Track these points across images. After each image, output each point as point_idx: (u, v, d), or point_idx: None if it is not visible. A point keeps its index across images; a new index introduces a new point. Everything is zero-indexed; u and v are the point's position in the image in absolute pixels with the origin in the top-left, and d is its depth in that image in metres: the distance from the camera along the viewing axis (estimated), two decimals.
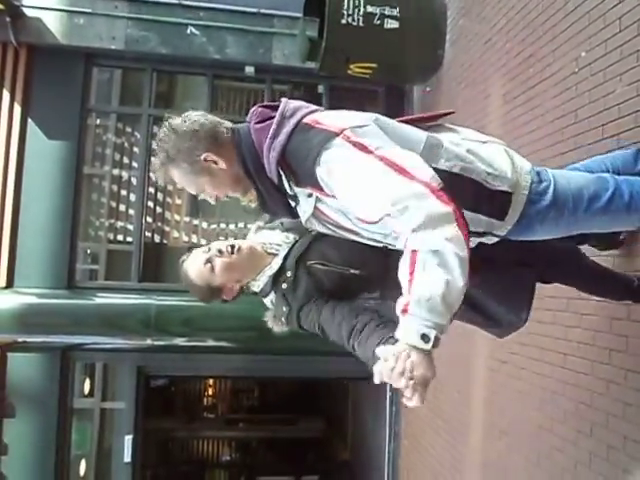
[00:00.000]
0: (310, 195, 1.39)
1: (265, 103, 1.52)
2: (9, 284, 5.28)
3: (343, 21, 4.63)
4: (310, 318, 1.62)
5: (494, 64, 3.89)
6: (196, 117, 1.45)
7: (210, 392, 11.63)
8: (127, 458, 5.48)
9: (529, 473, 3.12)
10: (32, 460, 5.31)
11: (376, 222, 1.28)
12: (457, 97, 4.60)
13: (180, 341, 5.54)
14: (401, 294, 1.20)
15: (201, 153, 1.43)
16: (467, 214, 1.30)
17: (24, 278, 5.31)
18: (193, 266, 1.68)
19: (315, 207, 1.41)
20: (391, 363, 1.16)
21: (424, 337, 1.17)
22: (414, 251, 1.17)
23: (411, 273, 1.16)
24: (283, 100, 1.46)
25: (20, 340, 5.32)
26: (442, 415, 4.56)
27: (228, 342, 5.64)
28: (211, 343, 5.59)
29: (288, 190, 1.42)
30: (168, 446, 10.52)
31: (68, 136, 5.51)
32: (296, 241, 1.68)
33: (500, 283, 1.69)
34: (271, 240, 1.72)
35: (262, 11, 5.57)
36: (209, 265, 1.64)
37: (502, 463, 3.50)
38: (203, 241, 6.25)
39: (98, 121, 5.97)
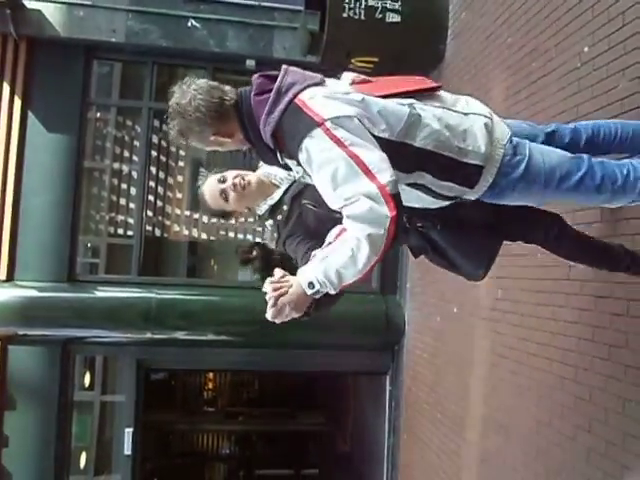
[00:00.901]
0: (298, 164, 1.58)
1: (265, 73, 1.63)
2: (10, 277, 5.28)
3: (344, 14, 4.60)
4: (291, 248, 1.92)
5: (496, 58, 3.88)
6: (200, 99, 1.58)
7: (210, 385, 11.66)
8: (127, 451, 5.50)
9: (528, 468, 3.14)
10: (32, 452, 5.33)
11: (338, 210, 1.49)
12: (459, 91, 4.56)
13: (180, 334, 5.55)
14: None
15: (209, 135, 1.61)
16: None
17: (25, 271, 5.32)
18: (209, 193, 1.98)
19: (303, 173, 1.62)
20: (276, 277, 1.51)
21: (310, 284, 1.47)
22: (345, 229, 1.47)
23: (331, 242, 1.48)
24: (282, 69, 1.60)
25: (21, 333, 5.33)
26: (441, 409, 4.57)
27: (228, 336, 5.65)
28: (211, 337, 5.60)
29: (279, 160, 1.62)
30: (168, 439, 10.56)
31: (68, 129, 5.50)
32: (295, 180, 1.94)
33: (466, 241, 1.92)
34: (277, 173, 2.00)
35: (263, 4, 5.54)
36: (224, 195, 1.95)
37: (501, 457, 3.52)
38: (204, 235, 6.25)
39: (98, 114, 5.96)
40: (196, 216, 6.16)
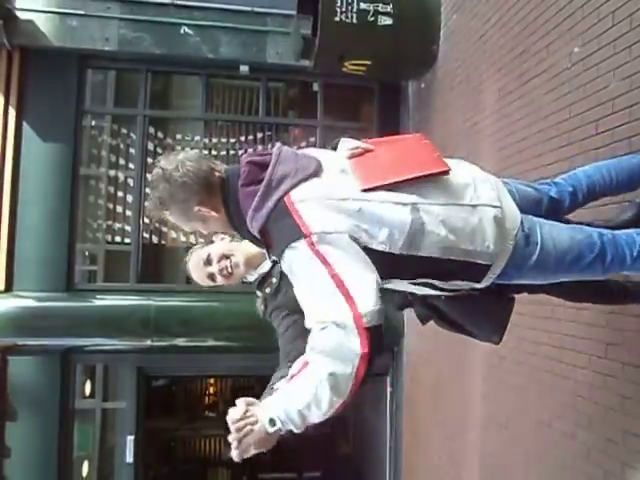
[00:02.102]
0: None
1: (254, 157, 1.51)
2: (8, 288, 5.27)
3: (337, 18, 4.62)
4: (276, 321, 1.88)
5: (488, 59, 3.90)
6: (189, 165, 1.47)
7: (211, 391, 11.64)
8: (129, 458, 5.49)
9: (528, 467, 3.14)
10: (34, 462, 5.32)
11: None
12: (451, 92, 4.60)
13: (180, 341, 5.54)
14: None
15: (193, 205, 1.48)
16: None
17: (23, 281, 5.31)
18: (196, 275, 1.92)
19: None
20: (237, 416, 1.36)
21: (271, 421, 1.34)
22: (307, 362, 1.33)
23: (293, 375, 1.35)
24: (274, 154, 1.48)
25: (20, 343, 5.32)
26: (442, 410, 4.58)
27: (228, 341, 5.65)
28: (211, 342, 5.60)
29: (267, 255, 1.52)
30: (170, 446, 10.53)
31: (63, 138, 5.50)
32: None
33: (474, 309, 1.77)
34: None
35: (255, 10, 5.55)
36: (211, 278, 1.90)
37: (501, 457, 3.52)
38: (201, 241, 6.24)
39: (93, 123, 5.96)
40: None
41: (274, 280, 1.85)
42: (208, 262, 1.87)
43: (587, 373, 2.60)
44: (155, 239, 6.02)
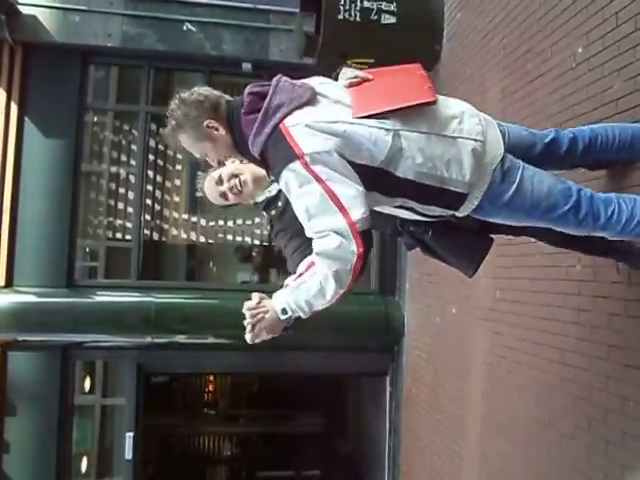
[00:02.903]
0: None
1: (255, 88, 1.66)
2: (8, 283, 5.28)
3: (340, 16, 4.61)
4: (282, 242, 2.02)
5: (492, 59, 3.88)
6: (202, 90, 1.69)
7: (210, 388, 11.65)
8: (128, 455, 5.49)
9: (528, 468, 3.14)
10: (33, 458, 5.33)
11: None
12: (454, 92, 4.58)
13: (180, 338, 5.55)
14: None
15: (204, 120, 1.65)
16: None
17: (23, 277, 5.31)
18: (210, 195, 2.07)
19: None
20: (253, 304, 1.62)
21: (283, 310, 1.60)
22: (313, 263, 1.57)
23: (302, 273, 1.60)
24: (273, 84, 1.63)
25: (20, 339, 5.33)
26: (441, 410, 4.57)
27: (228, 338, 5.65)
28: (211, 340, 5.60)
29: (268, 175, 1.70)
30: (169, 442, 10.54)
31: (65, 134, 5.50)
32: None
33: (456, 244, 1.96)
34: None
35: (258, 7, 5.55)
36: (224, 196, 2.04)
37: (501, 458, 3.52)
38: (202, 238, 6.25)
39: (95, 119, 5.96)
40: (194, 219, 6.16)
41: (279, 203, 2.00)
42: (220, 182, 2.02)
43: (588, 375, 2.59)
44: (156, 236, 6.02)
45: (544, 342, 3.00)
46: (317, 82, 1.70)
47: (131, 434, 5.49)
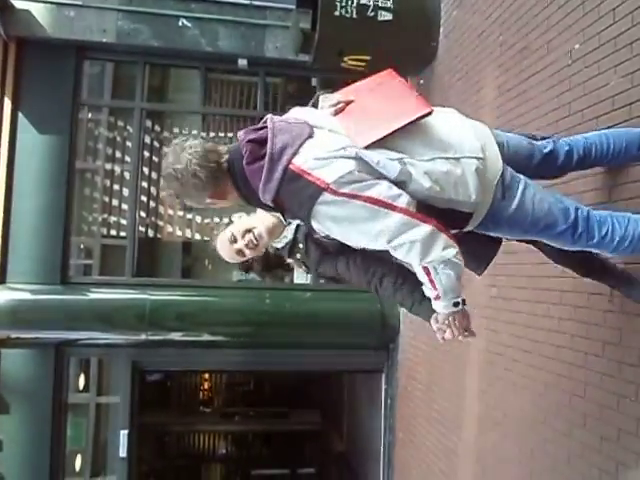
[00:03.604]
0: (304, 222, 1.63)
1: (251, 135, 1.60)
2: (2, 280, 5.24)
3: (336, 13, 4.59)
4: (328, 272, 2.01)
5: (488, 56, 3.88)
6: (197, 164, 1.58)
7: (205, 386, 11.63)
8: (123, 453, 5.47)
9: (523, 465, 3.14)
10: (27, 456, 5.30)
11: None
12: (451, 89, 4.58)
13: (175, 335, 5.53)
14: None
15: (205, 198, 1.65)
16: None
17: (17, 274, 5.27)
18: (226, 255, 2.02)
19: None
20: (449, 331, 1.71)
21: (455, 304, 1.67)
22: (426, 268, 1.56)
23: (430, 279, 1.59)
24: (269, 128, 1.58)
25: (14, 336, 5.29)
26: (436, 408, 4.58)
27: (223, 336, 5.64)
28: (206, 337, 5.58)
29: (282, 219, 1.71)
30: (164, 440, 10.53)
31: (60, 130, 5.46)
32: None
33: (463, 247, 1.89)
34: None
35: (254, 3, 5.52)
36: (241, 254, 1.98)
37: (496, 455, 3.52)
38: (197, 236, 6.22)
39: (90, 115, 5.92)
40: (189, 216, 6.14)
41: (300, 246, 1.99)
42: (234, 240, 1.97)
43: (584, 372, 2.59)
44: (151, 233, 6.00)
45: (540, 339, 3.00)
46: (306, 115, 1.67)
47: (126, 432, 5.47)
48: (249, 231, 1.95)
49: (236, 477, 11.08)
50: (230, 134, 6.05)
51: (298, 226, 1.96)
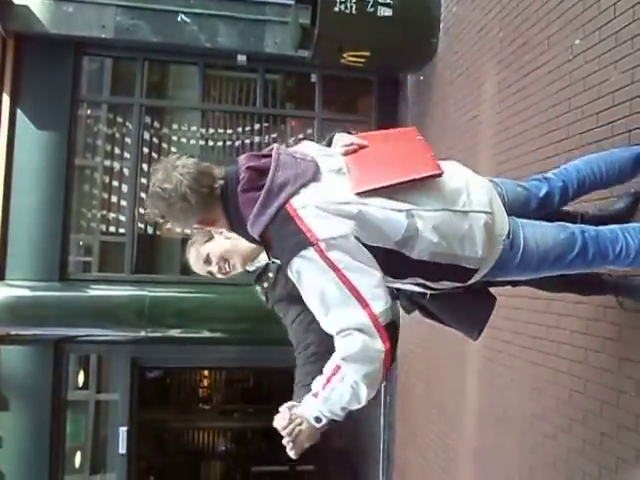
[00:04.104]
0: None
1: (253, 163, 1.51)
2: (1, 277, 5.24)
3: (336, 9, 4.58)
4: (281, 312, 1.93)
5: (488, 52, 3.87)
6: (187, 186, 1.46)
7: (205, 383, 11.63)
8: (122, 449, 5.48)
9: (523, 461, 3.14)
10: (26, 452, 5.30)
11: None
12: (451, 85, 4.57)
13: (174, 332, 5.53)
14: None
15: (192, 223, 1.57)
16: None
17: (16, 271, 5.27)
18: (195, 266, 1.98)
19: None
20: (284, 422, 1.51)
21: (317, 419, 1.50)
22: (339, 367, 1.43)
23: (329, 378, 1.46)
24: (273, 159, 1.49)
25: (13, 333, 5.29)
26: (436, 404, 4.57)
27: (222, 333, 5.64)
28: (205, 334, 5.58)
29: (267, 255, 1.60)
30: (163, 437, 10.53)
31: (58, 127, 5.45)
32: None
33: (457, 308, 1.84)
34: None
35: None
36: (210, 274, 1.96)
37: (496, 452, 3.52)
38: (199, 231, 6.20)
39: (89, 111, 5.90)
40: None
41: (270, 275, 1.91)
42: (208, 261, 1.92)
43: (584, 367, 2.59)
44: (150, 230, 5.99)
45: (540, 335, 3.00)
46: (315, 151, 1.60)
47: (125, 429, 5.47)
48: (225, 260, 1.90)
49: (236, 474, 11.08)
50: (229, 131, 6.04)
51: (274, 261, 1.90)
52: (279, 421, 1.52)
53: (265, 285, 1.96)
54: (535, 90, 3.17)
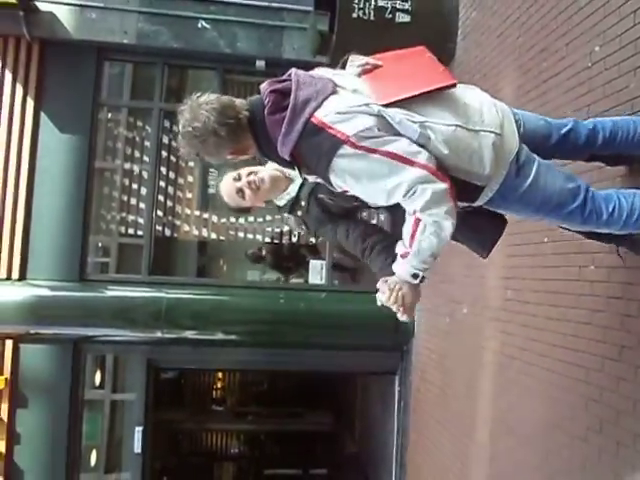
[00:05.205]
0: (317, 177, 1.63)
1: (275, 86, 1.59)
2: (22, 276, 5.34)
3: (354, 15, 4.60)
4: (328, 235, 2.04)
5: (506, 58, 3.86)
6: (215, 120, 1.54)
7: (219, 385, 11.70)
8: (137, 449, 5.53)
9: (537, 469, 3.12)
10: (44, 450, 5.38)
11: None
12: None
13: (190, 334, 5.58)
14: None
15: (225, 154, 1.63)
16: None
17: (37, 271, 5.37)
18: (226, 192, 2.03)
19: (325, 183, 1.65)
20: (386, 295, 1.65)
21: (414, 275, 1.63)
22: (418, 219, 1.53)
23: (413, 232, 1.55)
24: (294, 80, 1.58)
25: (32, 332, 5.38)
26: (450, 410, 4.56)
27: (237, 335, 5.68)
28: (220, 336, 5.63)
29: (299, 174, 1.66)
30: (177, 438, 10.60)
31: (80, 130, 5.55)
32: None
33: (469, 226, 1.90)
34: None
35: (273, 5, 5.56)
36: (240, 193, 1.99)
37: (510, 459, 3.50)
38: (213, 235, 6.27)
39: (109, 115, 6.01)
40: (206, 216, 6.19)
41: (303, 203, 1.99)
42: (238, 178, 1.99)
43: (600, 376, 2.57)
44: (167, 232, 6.06)
45: (556, 343, 2.98)
46: (330, 73, 1.69)
47: (140, 428, 5.53)
48: (254, 173, 1.99)
49: (248, 476, 11.11)
50: None
51: (302, 185, 1.98)
52: (381, 296, 1.66)
53: (300, 213, 2.02)
54: (554, 96, 3.16)
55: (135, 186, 5.94)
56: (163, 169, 5.91)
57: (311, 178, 1.66)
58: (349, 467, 9.26)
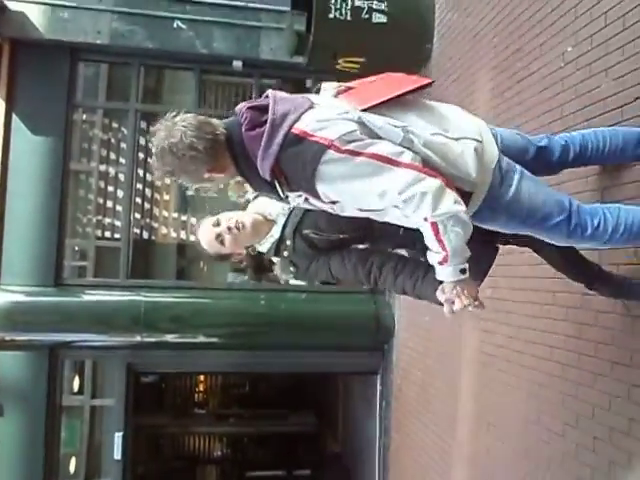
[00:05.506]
0: (300, 195, 1.58)
1: (252, 103, 1.58)
2: None
3: (331, 15, 4.61)
4: (320, 273, 1.97)
5: (482, 58, 3.90)
6: (192, 136, 1.50)
7: (201, 388, 11.61)
8: (117, 455, 5.46)
9: (517, 465, 3.16)
10: (21, 458, 5.28)
11: (380, 210, 1.56)
12: (445, 91, 4.60)
13: (170, 337, 5.52)
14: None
15: (203, 173, 1.57)
16: None
17: (11, 276, 5.26)
18: (205, 239, 1.97)
19: (304, 200, 1.61)
20: (457, 301, 1.63)
21: (462, 271, 1.59)
22: (433, 223, 1.50)
23: (437, 236, 1.52)
24: (271, 97, 1.56)
25: (7, 338, 5.27)
26: (431, 409, 4.59)
27: (218, 338, 5.64)
28: (201, 339, 5.58)
29: (280, 192, 1.59)
30: (159, 442, 10.49)
31: (54, 132, 5.45)
32: (291, 211, 1.95)
33: None
34: (270, 209, 1.98)
35: (249, 5, 5.53)
36: (219, 239, 1.93)
37: (490, 456, 3.54)
38: (192, 237, 6.21)
39: (84, 117, 5.91)
40: (184, 218, 6.13)
41: (288, 242, 1.93)
42: (217, 224, 1.94)
43: (576, 372, 2.61)
44: (145, 235, 5.99)
45: (534, 340, 3.02)
46: (308, 95, 1.67)
47: (120, 434, 5.45)
48: (234, 219, 1.92)
49: (231, 479, 11.05)
50: None
51: (285, 224, 1.93)
52: (447, 308, 1.66)
53: (286, 254, 1.95)
54: (528, 96, 3.20)
55: (111, 188, 5.86)
56: (140, 171, 5.84)
57: (293, 196, 1.60)
58: (332, 467, 9.27)
